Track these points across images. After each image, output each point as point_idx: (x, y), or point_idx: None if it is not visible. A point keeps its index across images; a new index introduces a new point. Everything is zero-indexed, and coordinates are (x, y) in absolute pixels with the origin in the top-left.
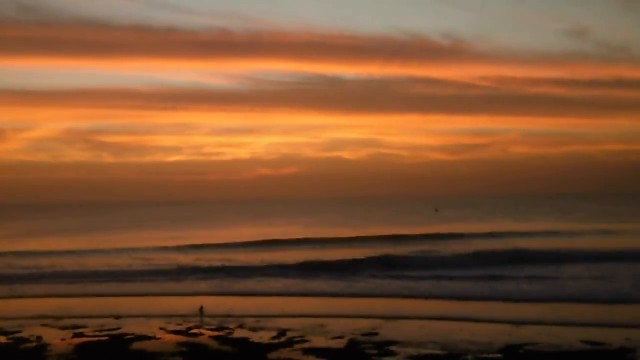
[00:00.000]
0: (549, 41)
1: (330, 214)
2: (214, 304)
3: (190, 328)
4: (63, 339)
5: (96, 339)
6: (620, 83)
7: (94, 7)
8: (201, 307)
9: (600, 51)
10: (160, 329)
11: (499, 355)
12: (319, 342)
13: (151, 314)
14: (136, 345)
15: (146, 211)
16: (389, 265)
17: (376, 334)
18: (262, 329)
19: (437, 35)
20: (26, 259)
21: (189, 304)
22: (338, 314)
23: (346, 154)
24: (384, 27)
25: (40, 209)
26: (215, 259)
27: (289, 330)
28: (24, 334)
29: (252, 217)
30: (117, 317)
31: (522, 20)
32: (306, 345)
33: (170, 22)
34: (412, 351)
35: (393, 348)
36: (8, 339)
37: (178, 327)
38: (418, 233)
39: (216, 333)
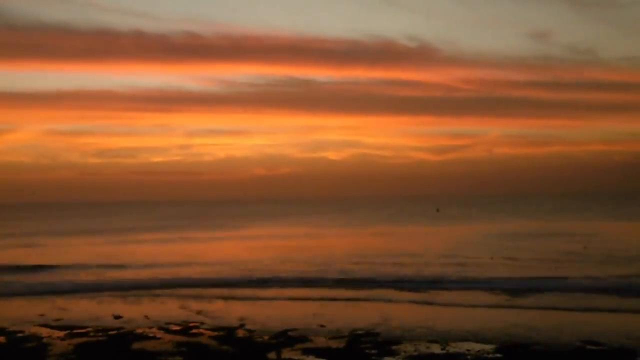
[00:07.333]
0: (512, 44)
1: (335, 214)
2: None
3: (190, 328)
4: (63, 339)
5: (95, 339)
6: (599, 86)
7: (57, 12)
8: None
9: (567, 54)
10: (160, 329)
11: (499, 355)
12: (319, 342)
13: None
14: (136, 345)
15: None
16: None
17: (376, 334)
18: None
19: (404, 38)
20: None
21: None
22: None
23: (331, 155)
24: (346, 31)
25: (29, 209)
26: None
27: (290, 330)
28: (24, 334)
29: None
30: None
31: (481, 24)
32: (306, 345)
33: (137, 27)
34: (412, 351)
35: (393, 348)
36: (8, 339)
37: (178, 327)
38: None
39: (216, 333)
